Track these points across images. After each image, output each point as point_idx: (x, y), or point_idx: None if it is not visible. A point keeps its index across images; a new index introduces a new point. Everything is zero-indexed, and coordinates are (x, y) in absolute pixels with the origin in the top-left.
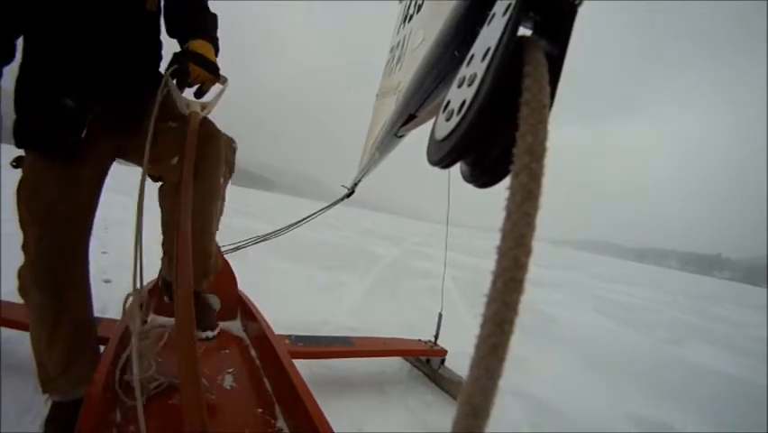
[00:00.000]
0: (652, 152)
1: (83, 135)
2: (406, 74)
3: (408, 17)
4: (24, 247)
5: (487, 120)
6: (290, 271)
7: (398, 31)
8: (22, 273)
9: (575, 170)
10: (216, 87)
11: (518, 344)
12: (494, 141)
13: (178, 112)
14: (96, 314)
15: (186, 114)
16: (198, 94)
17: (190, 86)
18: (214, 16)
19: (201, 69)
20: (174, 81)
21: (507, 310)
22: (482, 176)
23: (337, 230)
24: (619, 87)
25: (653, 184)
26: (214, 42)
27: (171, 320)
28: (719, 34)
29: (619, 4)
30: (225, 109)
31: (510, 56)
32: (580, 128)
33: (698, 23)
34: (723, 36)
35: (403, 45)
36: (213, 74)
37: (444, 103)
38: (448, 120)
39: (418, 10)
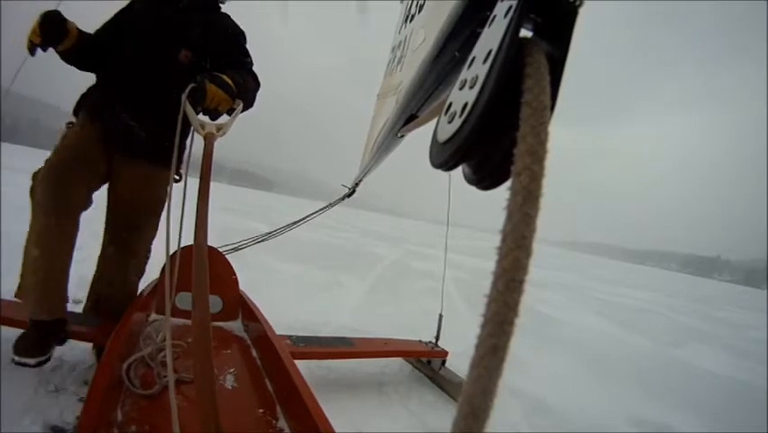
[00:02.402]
0: (652, 154)
1: (105, 113)
2: (408, 74)
3: (410, 17)
4: (47, 160)
5: (489, 122)
6: (290, 271)
7: (400, 30)
8: (36, 175)
9: (576, 171)
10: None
11: (518, 346)
12: (497, 143)
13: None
14: None
15: (201, 134)
16: (213, 115)
17: (207, 109)
18: (255, 82)
19: (217, 88)
20: (192, 100)
21: (508, 311)
22: (485, 179)
23: (337, 231)
24: (620, 88)
25: (653, 185)
26: (240, 87)
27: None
28: (720, 34)
29: (620, 4)
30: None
31: (512, 58)
32: (581, 129)
33: (698, 23)
34: (723, 36)
35: (404, 45)
36: (228, 94)
37: (446, 105)
38: (450, 122)
39: (420, 10)
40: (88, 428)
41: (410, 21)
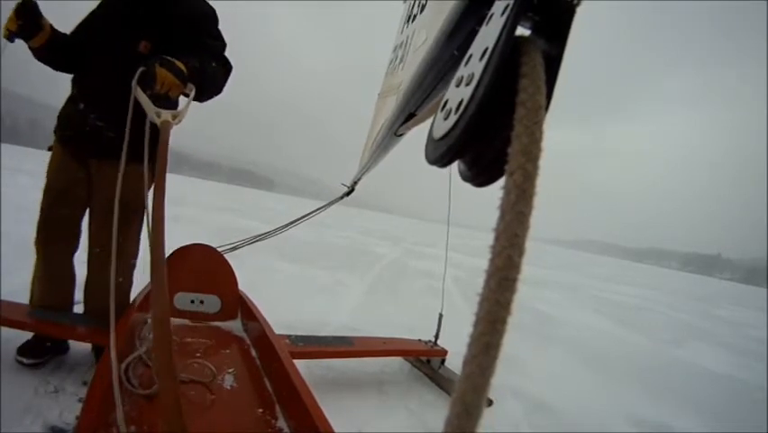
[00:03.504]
0: (652, 153)
1: (77, 132)
2: (409, 73)
3: (412, 17)
4: (41, 205)
5: (484, 119)
6: (290, 271)
7: (402, 30)
8: (38, 226)
9: (576, 170)
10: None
11: (517, 345)
12: (491, 140)
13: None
14: None
15: (157, 123)
16: (165, 102)
17: (158, 95)
18: (222, 66)
19: (167, 72)
20: (142, 85)
21: (500, 309)
22: (479, 175)
23: (338, 230)
24: (620, 88)
25: (653, 184)
26: (194, 72)
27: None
28: (720, 34)
29: (620, 4)
30: (227, 110)
31: (508, 56)
32: (581, 129)
33: (698, 23)
34: (724, 36)
35: (406, 45)
36: (179, 78)
37: (443, 102)
38: (446, 119)
39: (422, 10)
40: (88, 429)
41: (412, 21)
